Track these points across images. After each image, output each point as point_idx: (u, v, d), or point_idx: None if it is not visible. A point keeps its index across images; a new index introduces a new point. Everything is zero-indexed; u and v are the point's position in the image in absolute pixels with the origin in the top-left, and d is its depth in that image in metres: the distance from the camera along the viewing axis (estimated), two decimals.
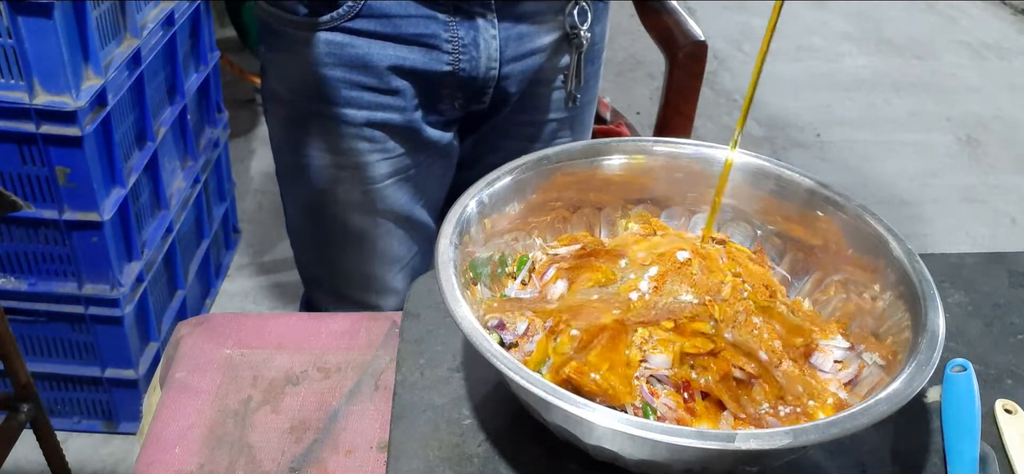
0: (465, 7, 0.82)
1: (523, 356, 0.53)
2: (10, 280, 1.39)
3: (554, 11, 0.88)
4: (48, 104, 1.21)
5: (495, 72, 0.86)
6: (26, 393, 1.18)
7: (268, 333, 0.63)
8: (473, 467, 0.52)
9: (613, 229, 0.66)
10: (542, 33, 0.88)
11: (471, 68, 0.85)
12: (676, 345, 0.49)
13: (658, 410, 0.48)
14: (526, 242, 0.63)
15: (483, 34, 0.84)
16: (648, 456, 0.45)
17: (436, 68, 0.84)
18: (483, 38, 0.84)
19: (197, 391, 0.58)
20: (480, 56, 0.85)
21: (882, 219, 0.57)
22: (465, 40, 0.83)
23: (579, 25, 0.88)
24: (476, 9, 0.83)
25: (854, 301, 0.57)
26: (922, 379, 0.46)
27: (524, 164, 0.62)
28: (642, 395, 0.48)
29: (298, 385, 0.59)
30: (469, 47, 0.84)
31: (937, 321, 0.48)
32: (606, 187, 0.65)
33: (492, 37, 0.84)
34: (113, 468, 1.51)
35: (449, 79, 0.86)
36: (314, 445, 0.55)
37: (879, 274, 0.55)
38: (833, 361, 0.53)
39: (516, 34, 0.86)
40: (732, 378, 0.49)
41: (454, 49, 0.83)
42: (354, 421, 0.56)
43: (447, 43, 0.83)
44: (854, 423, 0.43)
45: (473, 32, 0.83)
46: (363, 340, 0.62)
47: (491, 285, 0.59)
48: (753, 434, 0.42)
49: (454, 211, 0.57)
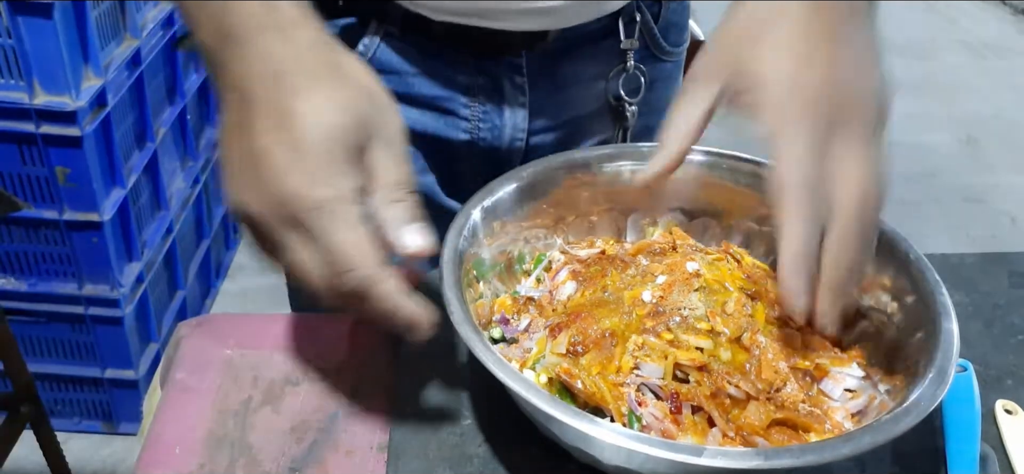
0: (491, 68, 0.70)
1: (523, 353, 0.54)
2: (10, 280, 1.39)
3: (598, 76, 0.73)
4: (48, 104, 1.21)
5: (522, 144, 0.73)
6: (26, 394, 1.18)
7: (268, 333, 0.63)
8: (473, 467, 0.52)
9: (640, 236, 0.65)
10: (582, 103, 0.74)
11: (493, 138, 0.72)
12: (670, 356, 0.49)
13: (644, 419, 0.48)
14: (547, 241, 0.63)
15: (510, 101, 0.71)
16: (623, 463, 0.45)
17: (452, 136, 0.71)
18: (509, 106, 0.71)
19: (197, 392, 0.58)
20: (504, 126, 0.72)
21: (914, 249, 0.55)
22: (486, 107, 0.71)
23: (625, 96, 0.73)
24: (504, 73, 0.70)
25: (875, 319, 0.55)
26: (910, 422, 0.45)
27: (543, 167, 0.62)
28: (628, 402, 0.48)
29: (298, 385, 0.59)
30: (490, 114, 0.71)
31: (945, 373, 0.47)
32: (639, 192, 0.64)
33: (521, 105, 0.71)
34: (113, 469, 1.51)
35: (466, 150, 0.72)
36: (314, 445, 0.55)
37: (900, 299, 0.54)
38: (843, 389, 0.52)
39: (552, 103, 0.73)
40: (726, 395, 0.49)
41: (473, 115, 0.71)
42: (354, 422, 0.56)
43: (465, 108, 0.70)
44: (833, 452, 0.43)
45: (497, 97, 0.71)
46: (363, 340, 0.62)
47: (506, 281, 0.59)
48: (722, 451, 0.42)
49: (460, 216, 0.56)
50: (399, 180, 0.49)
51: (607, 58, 0.73)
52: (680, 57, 0.81)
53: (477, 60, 0.69)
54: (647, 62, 0.74)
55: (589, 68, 0.73)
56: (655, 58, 0.76)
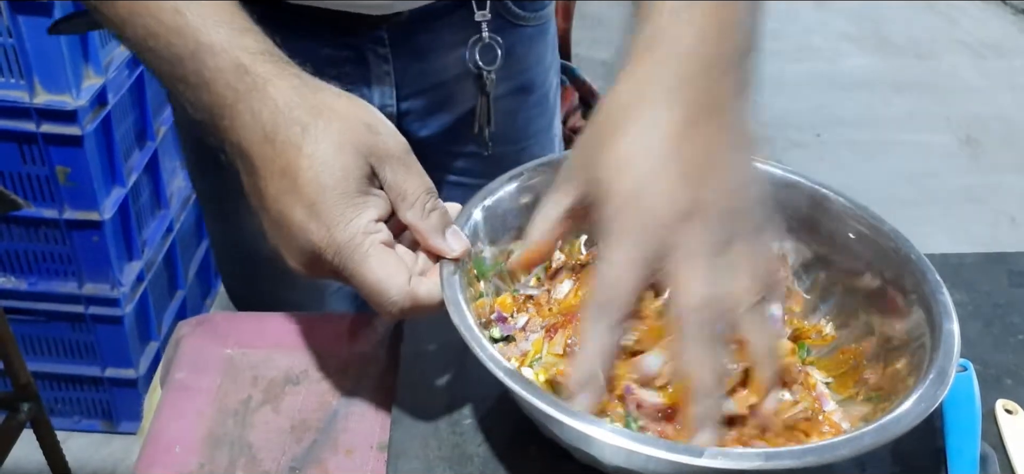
0: (353, 41, 0.73)
1: (520, 353, 0.53)
2: (10, 279, 1.39)
3: (457, 44, 0.75)
4: (48, 103, 1.21)
5: (393, 109, 0.77)
6: (26, 393, 1.18)
7: (268, 333, 0.63)
8: (473, 467, 0.52)
9: None
10: (444, 69, 0.77)
11: None
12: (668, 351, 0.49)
13: (640, 420, 0.47)
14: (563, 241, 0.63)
15: (375, 72, 0.74)
16: (623, 464, 0.45)
17: None
18: (376, 78, 0.75)
19: (197, 391, 0.58)
20: (371, 98, 0.75)
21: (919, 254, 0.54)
22: (353, 75, 0.74)
23: (483, 64, 0.75)
24: (366, 46, 0.73)
25: (877, 327, 0.55)
26: (910, 422, 0.45)
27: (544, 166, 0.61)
28: (626, 404, 0.48)
29: (298, 385, 0.59)
30: (358, 89, 0.73)
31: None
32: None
33: (386, 74, 0.75)
34: (113, 468, 1.51)
35: None
36: (314, 445, 0.55)
37: (900, 299, 0.54)
38: None
39: (415, 72, 0.76)
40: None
41: (340, 82, 0.75)
42: (354, 421, 0.56)
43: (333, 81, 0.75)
44: (833, 452, 0.43)
45: (363, 69, 0.74)
46: (363, 340, 0.62)
47: (507, 280, 0.59)
48: (722, 452, 0.42)
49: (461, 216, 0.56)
50: (426, 190, 0.51)
51: (463, 28, 0.75)
52: (543, 21, 0.82)
53: (340, 35, 0.72)
54: (504, 30, 0.76)
55: (447, 37, 0.75)
56: (512, 25, 0.78)
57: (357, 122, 0.49)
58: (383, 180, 0.50)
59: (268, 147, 0.48)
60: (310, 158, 0.47)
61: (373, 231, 0.48)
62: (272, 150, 0.48)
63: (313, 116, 0.48)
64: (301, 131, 0.47)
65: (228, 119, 0.49)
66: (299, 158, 0.47)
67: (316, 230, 0.47)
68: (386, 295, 0.48)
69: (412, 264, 0.51)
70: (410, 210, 0.50)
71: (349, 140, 0.48)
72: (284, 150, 0.48)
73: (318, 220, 0.47)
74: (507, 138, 0.83)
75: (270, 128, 0.48)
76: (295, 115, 0.48)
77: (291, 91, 0.49)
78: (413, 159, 0.51)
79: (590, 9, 2.85)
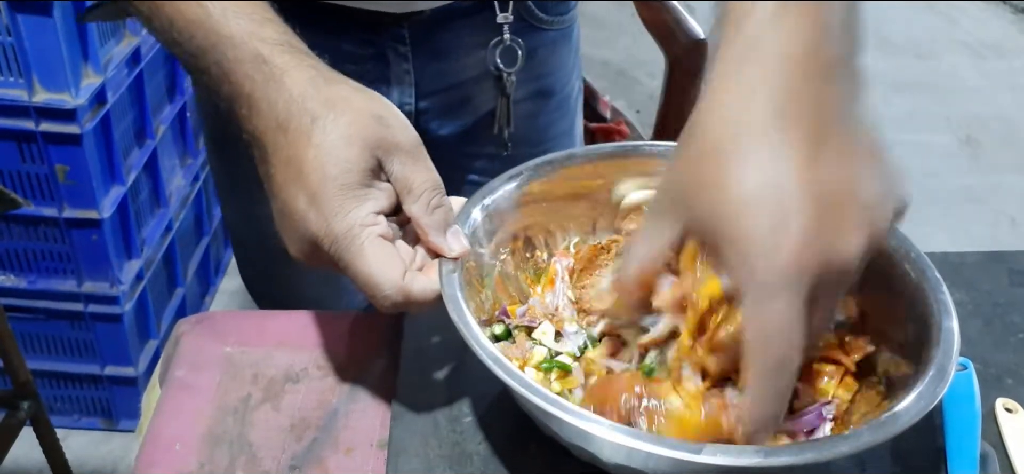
0: (374, 38, 0.73)
1: (522, 353, 0.54)
2: (10, 278, 1.39)
3: (478, 45, 0.75)
4: (47, 102, 1.21)
5: (411, 108, 0.77)
6: (25, 391, 1.18)
7: (268, 331, 0.63)
8: (473, 466, 0.52)
9: None
10: (464, 70, 0.77)
11: None
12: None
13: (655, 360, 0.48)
14: (557, 237, 0.63)
15: (395, 70, 0.75)
16: (623, 461, 0.45)
17: None
18: (396, 76, 0.75)
19: (197, 389, 0.58)
20: (391, 91, 0.75)
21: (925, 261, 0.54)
22: (373, 73, 0.74)
23: (503, 67, 0.75)
24: (387, 43, 0.73)
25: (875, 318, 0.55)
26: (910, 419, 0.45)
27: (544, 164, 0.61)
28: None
29: (298, 383, 0.59)
30: (377, 87, 0.73)
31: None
32: None
33: (406, 73, 0.75)
34: (112, 466, 1.51)
35: None
36: (314, 443, 0.55)
37: (900, 298, 0.53)
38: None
39: (435, 71, 0.76)
40: None
41: (360, 79, 0.75)
42: (354, 419, 0.56)
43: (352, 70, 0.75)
44: (833, 450, 0.43)
45: (383, 66, 0.74)
46: (363, 338, 0.62)
47: (507, 279, 0.59)
48: (721, 449, 0.42)
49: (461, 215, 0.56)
50: (432, 185, 0.51)
51: (485, 29, 0.74)
52: (565, 24, 0.82)
53: (361, 31, 0.72)
54: (526, 33, 0.76)
55: (467, 38, 0.75)
56: (534, 28, 0.78)
57: (367, 115, 0.49)
58: (390, 173, 0.50)
59: (281, 136, 0.49)
60: (317, 148, 0.48)
61: (371, 223, 0.48)
62: (284, 139, 0.49)
63: (325, 108, 0.49)
64: (311, 122, 0.48)
65: (246, 108, 0.50)
66: (307, 148, 0.48)
67: (315, 219, 0.48)
68: (379, 288, 0.48)
69: (409, 259, 0.51)
70: (415, 204, 0.51)
71: (357, 132, 0.49)
72: (295, 139, 0.48)
73: (318, 210, 0.48)
74: (527, 140, 0.82)
75: (284, 117, 0.49)
76: (308, 106, 0.49)
77: (307, 82, 0.49)
78: (423, 153, 0.52)
79: (590, 9, 2.85)
